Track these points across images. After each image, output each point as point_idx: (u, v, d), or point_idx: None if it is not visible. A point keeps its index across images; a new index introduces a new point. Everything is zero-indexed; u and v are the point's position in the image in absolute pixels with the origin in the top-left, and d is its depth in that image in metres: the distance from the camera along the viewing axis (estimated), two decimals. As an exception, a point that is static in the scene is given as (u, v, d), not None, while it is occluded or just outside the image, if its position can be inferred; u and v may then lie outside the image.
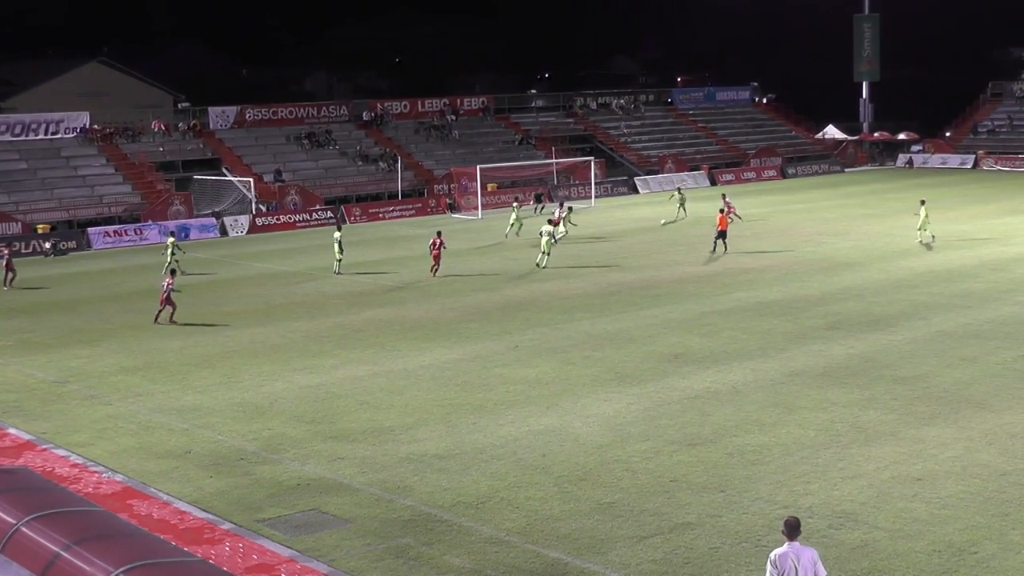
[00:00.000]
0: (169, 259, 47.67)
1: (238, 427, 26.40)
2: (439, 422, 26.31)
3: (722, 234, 50.33)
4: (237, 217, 65.65)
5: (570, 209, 59.45)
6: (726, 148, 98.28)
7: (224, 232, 63.69)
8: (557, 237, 52.67)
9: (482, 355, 32.76)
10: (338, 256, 47.56)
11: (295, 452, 24.45)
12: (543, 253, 48.24)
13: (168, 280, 38.37)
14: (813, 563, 14.31)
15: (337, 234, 48.42)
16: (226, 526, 20.39)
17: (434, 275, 46.63)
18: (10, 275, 46.72)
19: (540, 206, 70.26)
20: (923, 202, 53.60)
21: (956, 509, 20.38)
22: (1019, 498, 20.82)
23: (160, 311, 38.21)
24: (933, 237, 51.77)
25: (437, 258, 46.85)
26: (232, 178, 70.71)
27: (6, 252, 48.17)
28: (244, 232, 64.38)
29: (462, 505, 21.14)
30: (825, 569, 14.48)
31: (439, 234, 48.06)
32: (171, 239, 50.29)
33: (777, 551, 14.45)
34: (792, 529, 14.47)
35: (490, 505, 21.12)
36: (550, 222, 52.17)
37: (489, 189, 73.59)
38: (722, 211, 51.60)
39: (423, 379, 30.27)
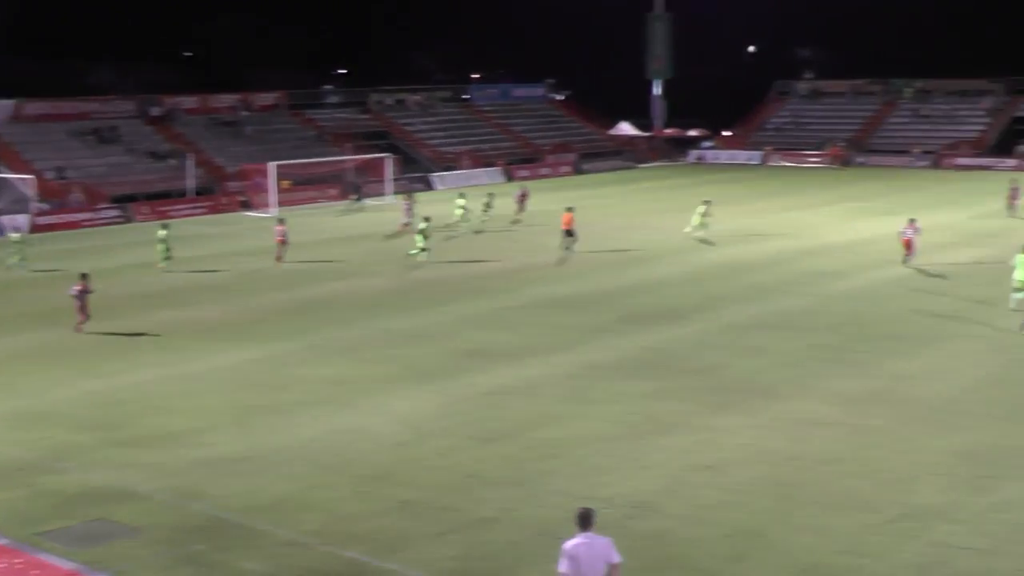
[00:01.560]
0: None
1: (16, 436, 25.24)
2: (232, 425, 25.73)
3: (568, 232, 49.19)
4: (15, 216, 63.14)
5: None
6: (521, 144, 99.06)
7: (1, 232, 61.27)
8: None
9: (277, 355, 32.20)
10: (164, 254, 46.43)
11: (80, 460, 23.53)
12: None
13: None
14: (606, 551, 14.31)
15: (163, 232, 47.12)
16: (2, 541, 19.41)
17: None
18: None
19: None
20: (707, 202, 54.81)
21: (746, 495, 20.85)
22: (805, 482, 21.42)
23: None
24: (695, 231, 53.23)
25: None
26: (9, 175, 68.12)
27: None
28: (24, 232, 62.00)
29: (257, 508, 20.66)
30: (620, 556, 14.51)
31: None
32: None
33: (570, 541, 14.39)
34: (584, 520, 14.45)
35: (286, 507, 20.70)
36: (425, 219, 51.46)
37: (283, 186, 72.54)
38: (570, 210, 50.64)
39: (216, 381, 29.57)
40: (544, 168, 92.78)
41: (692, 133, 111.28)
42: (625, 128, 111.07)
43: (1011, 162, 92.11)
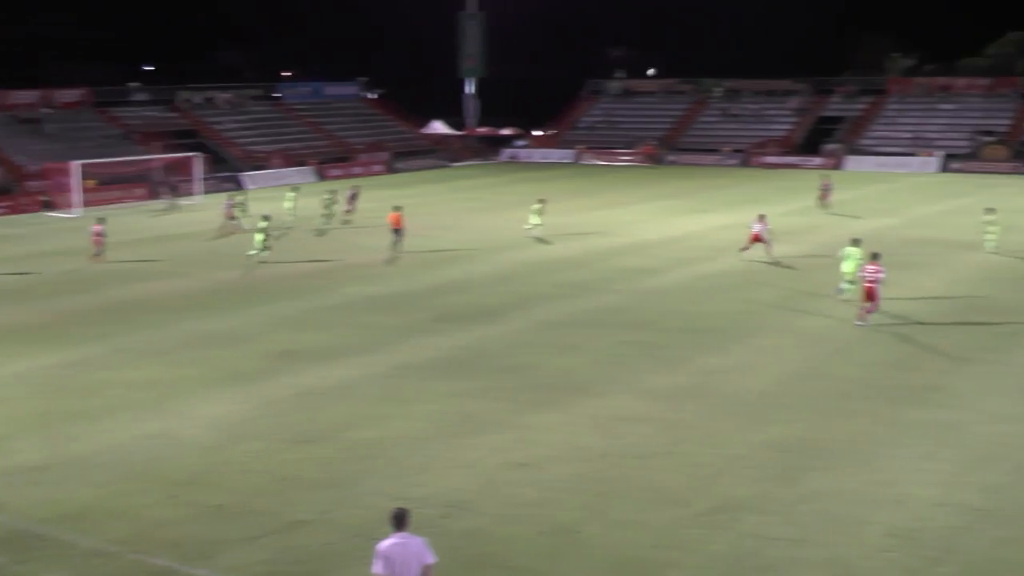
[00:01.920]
0: None
1: None
2: (35, 432, 24.79)
3: (397, 232, 48.77)
4: None
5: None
6: (334, 143, 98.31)
7: None
8: None
9: (82, 360, 31.18)
10: None
11: None
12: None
13: None
14: (421, 551, 14.30)
15: None
16: None
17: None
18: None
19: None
20: (542, 201, 55.08)
21: (561, 492, 20.93)
22: (619, 478, 21.62)
23: None
24: (533, 229, 53.52)
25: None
26: None
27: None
28: None
29: (61, 518, 19.95)
30: (434, 556, 14.47)
31: None
32: None
33: (384, 542, 14.35)
34: (399, 520, 14.43)
35: (92, 516, 20.04)
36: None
37: (89, 186, 70.52)
38: (398, 209, 50.53)
39: (16, 387, 28.45)
40: (357, 167, 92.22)
41: (505, 132, 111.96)
42: (438, 127, 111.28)
43: (818, 160, 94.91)
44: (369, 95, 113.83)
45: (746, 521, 19.58)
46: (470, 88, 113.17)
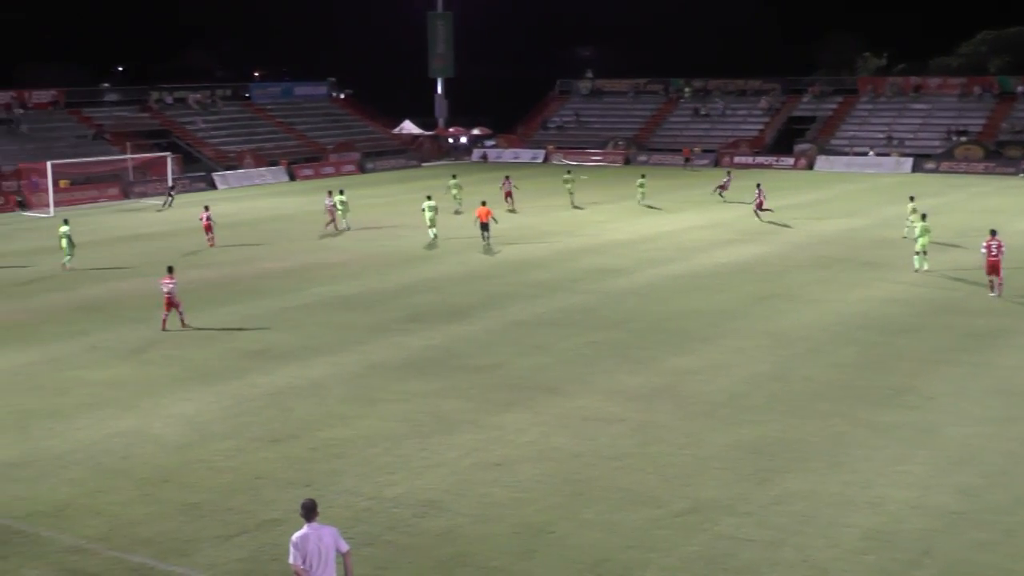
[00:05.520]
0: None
1: None
2: (11, 429, 24.96)
3: (484, 226, 50.95)
4: None
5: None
6: (304, 143, 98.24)
7: None
8: None
9: (56, 357, 31.33)
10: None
11: None
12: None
13: (167, 280, 34.58)
14: (334, 539, 14.80)
15: (64, 228, 46.07)
16: None
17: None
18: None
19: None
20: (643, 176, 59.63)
21: (533, 492, 21.12)
22: (591, 478, 21.80)
23: (167, 316, 34.64)
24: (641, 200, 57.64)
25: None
26: None
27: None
28: None
29: (39, 514, 20.13)
30: (347, 544, 14.95)
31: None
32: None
33: (297, 533, 14.72)
34: (309, 511, 14.86)
35: (69, 512, 20.23)
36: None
37: (61, 185, 70.51)
38: (484, 203, 51.77)
39: (-9, 385, 28.64)
40: (328, 167, 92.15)
41: (475, 132, 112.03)
42: (409, 127, 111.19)
43: (789, 160, 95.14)
44: (339, 95, 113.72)
45: (720, 522, 19.68)
46: (440, 88, 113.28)
